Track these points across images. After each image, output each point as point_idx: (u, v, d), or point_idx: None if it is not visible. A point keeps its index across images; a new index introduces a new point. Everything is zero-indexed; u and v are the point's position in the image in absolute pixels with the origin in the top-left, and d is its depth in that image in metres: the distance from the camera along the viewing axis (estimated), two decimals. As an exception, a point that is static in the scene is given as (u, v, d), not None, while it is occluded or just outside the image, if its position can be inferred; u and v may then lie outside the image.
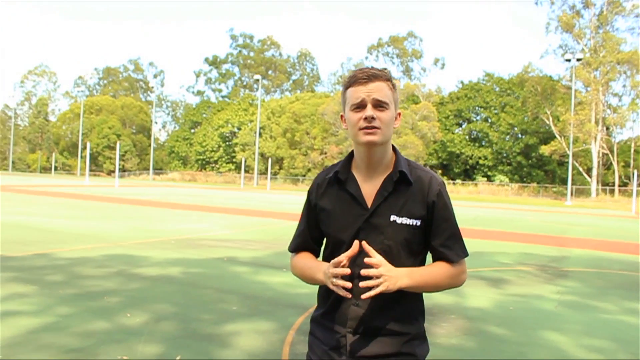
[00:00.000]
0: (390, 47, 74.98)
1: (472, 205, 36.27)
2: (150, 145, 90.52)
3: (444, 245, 1.98)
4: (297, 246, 2.19)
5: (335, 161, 2.59)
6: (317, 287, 2.09)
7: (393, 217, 1.93)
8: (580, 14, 56.44)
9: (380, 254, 1.88)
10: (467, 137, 66.14)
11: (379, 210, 1.94)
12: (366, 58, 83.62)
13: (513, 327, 6.03)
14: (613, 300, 7.74)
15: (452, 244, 1.99)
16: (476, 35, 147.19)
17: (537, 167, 63.02)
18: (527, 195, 57.92)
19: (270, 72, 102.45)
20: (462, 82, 71.31)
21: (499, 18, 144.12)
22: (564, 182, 57.23)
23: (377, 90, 1.91)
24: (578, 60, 51.33)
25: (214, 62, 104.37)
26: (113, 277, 7.83)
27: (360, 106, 1.91)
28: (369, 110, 1.89)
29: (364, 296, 1.81)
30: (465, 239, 2.03)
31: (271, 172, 65.56)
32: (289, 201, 33.19)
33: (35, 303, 6.13)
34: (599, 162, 54.96)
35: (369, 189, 1.97)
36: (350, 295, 1.84)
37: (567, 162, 51.64)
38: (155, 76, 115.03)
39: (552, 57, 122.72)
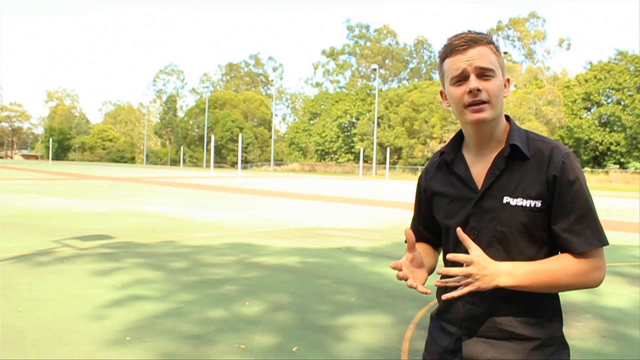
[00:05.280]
0: (511, 29, 71.68)
1: (604, 195, 33.80)
2: (271, 137, 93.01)
3: (568, 231, 1.58)
4: None
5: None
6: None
7: (506, 199, 1.62)
8: None
9: (494, 242, 1.61)
10: (596, 121, 61.95)
11: (490, 191, 1.64)
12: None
13: (660, 329, 5.40)
14: None
15: (580, 229, 1.58)
16: (605, 12, 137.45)
17: (678, 152, 57.87)
18: (667, 183, 53.30)
19: (387, 61, 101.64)
20: (590, 63, 66.66)
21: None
22: None
23: (479, 56, 1.60)
24: None
25: (331, 54, 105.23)
26: (233, 265, 7.97)
27: (462, 78, 1.62)
28: (473, 82, 1.59)
29: (444, 296, 1.57)
30: None
31: (390, 162, 65.06)
32: (408, 191, 32.70)
33: (159, 289, 6.34)
34: None
35: (480, 168, 1.69)
36: (429, 292, 1.61)
37: None
38: (274, 70, 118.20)
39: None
